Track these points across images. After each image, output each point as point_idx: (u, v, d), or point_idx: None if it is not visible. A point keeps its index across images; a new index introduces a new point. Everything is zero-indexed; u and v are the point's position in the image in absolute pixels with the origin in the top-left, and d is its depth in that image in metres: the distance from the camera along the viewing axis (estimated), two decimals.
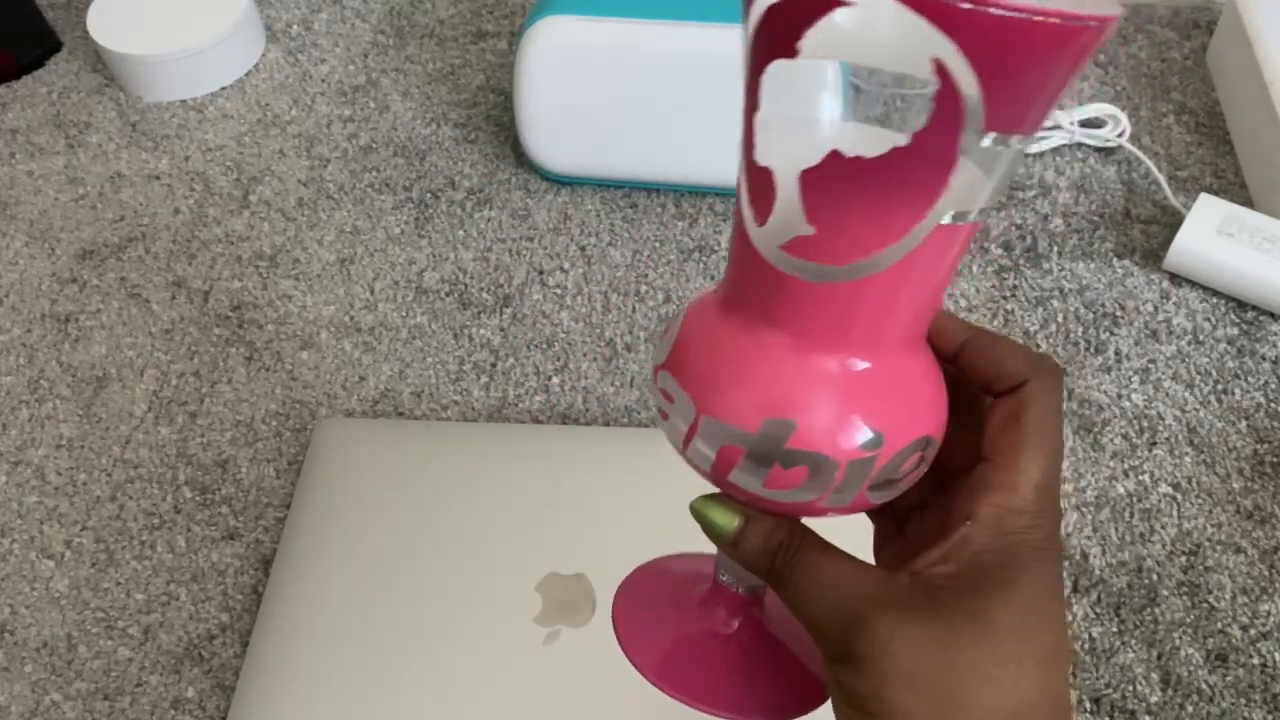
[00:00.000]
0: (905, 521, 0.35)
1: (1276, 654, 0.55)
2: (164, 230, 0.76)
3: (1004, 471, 0.31)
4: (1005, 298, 0.70)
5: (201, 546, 0.61)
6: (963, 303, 0.70)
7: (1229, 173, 0.77)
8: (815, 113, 0.27)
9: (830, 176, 0.27)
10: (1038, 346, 0.68)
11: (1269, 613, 0.57)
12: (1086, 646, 0.56)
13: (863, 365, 0.30)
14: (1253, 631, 0.56)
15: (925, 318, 0.31)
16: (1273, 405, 0.65)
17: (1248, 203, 0.75)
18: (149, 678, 0.57)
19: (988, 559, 0.30)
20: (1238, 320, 0.69)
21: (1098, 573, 0.58)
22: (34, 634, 0.58)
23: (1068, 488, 0.62)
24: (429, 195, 0.78)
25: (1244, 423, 0.64)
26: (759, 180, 0.29)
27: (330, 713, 0.52)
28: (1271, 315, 0.69)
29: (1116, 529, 0.60)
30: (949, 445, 0.32)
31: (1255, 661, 0.55)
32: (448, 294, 0.72)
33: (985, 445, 0.32)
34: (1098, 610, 0.57)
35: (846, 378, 0.30)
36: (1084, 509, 0.61)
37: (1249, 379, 0.66)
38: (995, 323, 0.69)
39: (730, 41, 0.68)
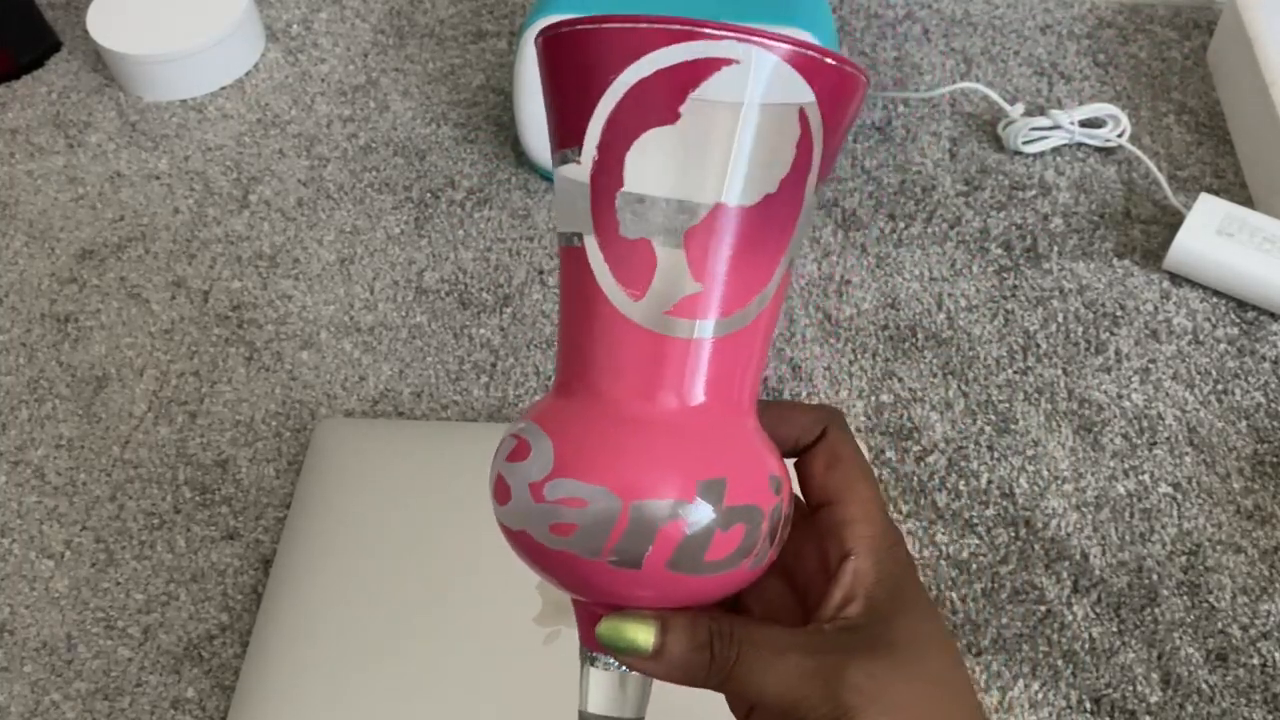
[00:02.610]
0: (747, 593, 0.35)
1: (1276, 654, 0.55)
2: (164, 230, 0.76)
3: (852, 505, 0.32)
4: (1005, 298, 0.70)
5: (201, 546, 0.61)
6: (963, 302, 0.70)
7: (1229, 173, 0.77)
8: (702, 172, 0.28)
9: (712, 232, 0.28)
10: (1038, 347, 0.68)
11: (1269, 612, 0.57)
12: (1087, 646, 0.56)
13: (745, 411, 0.31)
14: (1253, 631, 0.56)
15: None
16: (1273, 405, 0.65)
17: (1248, 203, 0.75)
18: (149, 678, 0.57)
19: (882, 586, 0.31)
20: (1238, 320, 0.69)
21: (1098, 572, 0.58)
22: (34, 634, 0.58)
23: (1068, 487, 0.62)
24: (429, 195, 0.78)
25: (1244, 423, 0.64)
26: (628, 255, 0.29)
27: (330, 712, 0.52)
28: (1271, 315, 0.69)
29: (1116, 529, 0.60)
30: None
31: (1255, 661, 0.55)
32: (448, 294, 0.72)
33: (816, 492, 0.33)
34: (1098, 610, 0.57)
35: (742, 424, 0.31)
36: (1084, 509, 0.61)
37: (1249, 379, 0.66)
38: (995, 322, 0.69)
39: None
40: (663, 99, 0.28)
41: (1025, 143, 0.78)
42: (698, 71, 0.27)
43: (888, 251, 0.73)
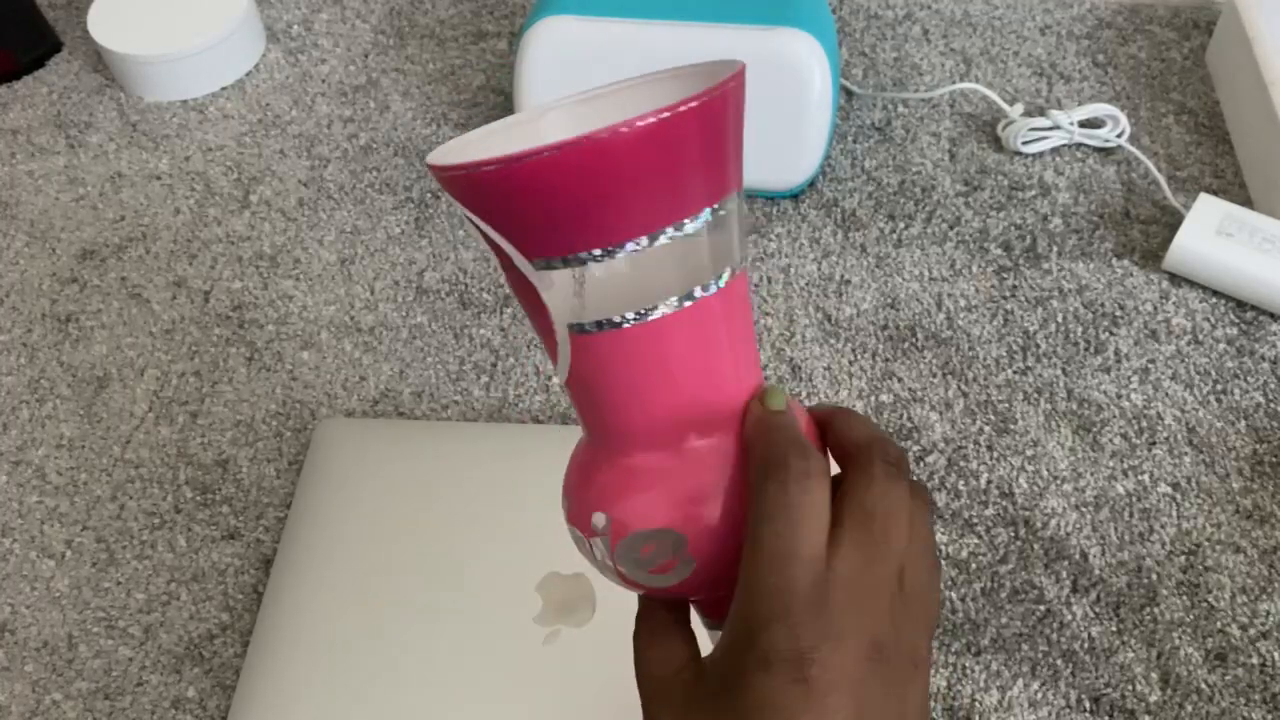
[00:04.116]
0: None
1: (1276, 653, 0.56)
2: (164, 230, 0.77)
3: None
4: (1005, 298, 0.70)
5: (202, 546, 0.61)
6: (962, 303, 0.70)
7: (1228, 173, 0.77)
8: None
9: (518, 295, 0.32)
10: (1037, 347, 0.68)
11: (1268, 612, 0.57)
12: (1086, 646, 0.56)
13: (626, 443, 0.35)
14: (1252, 631, 0.56)
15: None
16: (1272, 405, 0.65)
17: (1247, 203, 0.75)
18: (149, 677, 0.57)
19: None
20: (1237, 320, 0.69)
21: (1097, 572, 0.58)
22: (35, 633, 0.58)
23: (1067, 487, 0.62)
24: (429, 195, 0.78)
25: (1243, 422, 0.64)
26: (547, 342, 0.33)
27: (330, 712, 0.52)
28: (1271, 315, 0.69)
29: (1116, 529, 0.60)
30: None
31: (1254, 661, 0.55)
32: (448, 294, 0.72)
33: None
34: (1097, 610, 0.57)
35: (610, 457, 0.35)
36: (1083, 509, 0.61)
37: (1248, 379, 0.66)
38: (995, 323, 0.69)
39: (730, 41, 0.68)
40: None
41: (1025, 143, 0.78)
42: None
43: (887, 251, 0.73)
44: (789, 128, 0.71)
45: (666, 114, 0.28)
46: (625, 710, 0.49)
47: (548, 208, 0.29)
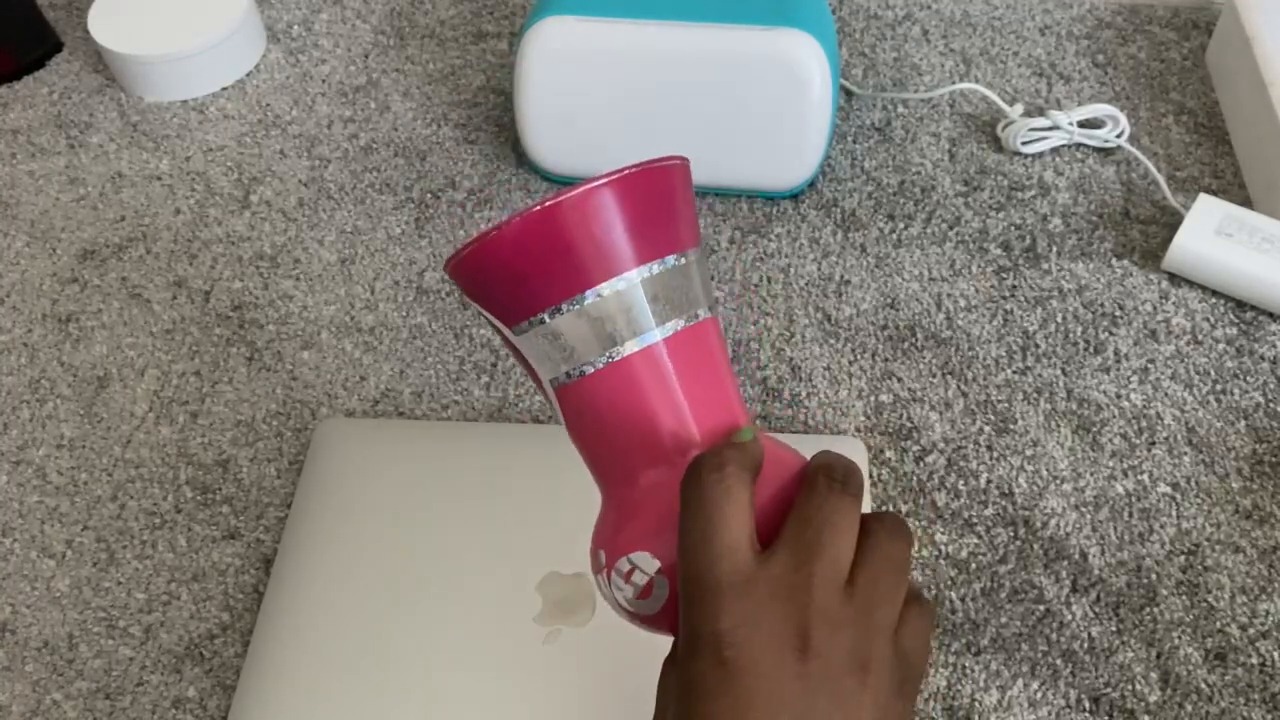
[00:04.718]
0: None
1: (1275, 653, 0.56)
2: (165, 230, 0.77)
3: None
4: (1004, 298, 0.70)
5: (202, 546, 0.61)
6: (962, 303, 0.70)
7: (1228, 173, 0.77)
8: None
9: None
10: (1037, 347, 0.68)
11: (1268, 612, 0.57)
12: (1086, 646, 0.56)
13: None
14: (1251, 631, 0.56)
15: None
16: (1271, 405, 0.65)
17: (1246, 203, 0.75)
18: (150, 677, 0.57)
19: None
20: (1236, 320, 0.69)
21: (1097, 572, 0.58)
22: (35, 633, 0.58)
23: (1067, 487, 0.62)
24: (429, 195, 0.78)
25: (1243, 422, 0.64)
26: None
27: (330, 712, 0.52)
28: (1270, 315, 0.69)
29: (1115, 528, 0.60)
30: None
31: (1254, 661, 0.55)
32: (448, 294, 0.72)
33: None
34: (1097, 610, 0.57)
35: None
36: (1083, 509, 0.61)
37: (1248, 379, 0.66)
38: (994, 322, 0.69)
39: (730, 41, 0.68)
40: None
41: (1024, 143, 0.78)
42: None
43: (887, 252, 0.73)
44: (789, 128, 0.71)
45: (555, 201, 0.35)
46: (625, 710, 0.49)
47: (509, 275, 0.36)
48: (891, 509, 0.61)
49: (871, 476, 0.62)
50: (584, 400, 0.36)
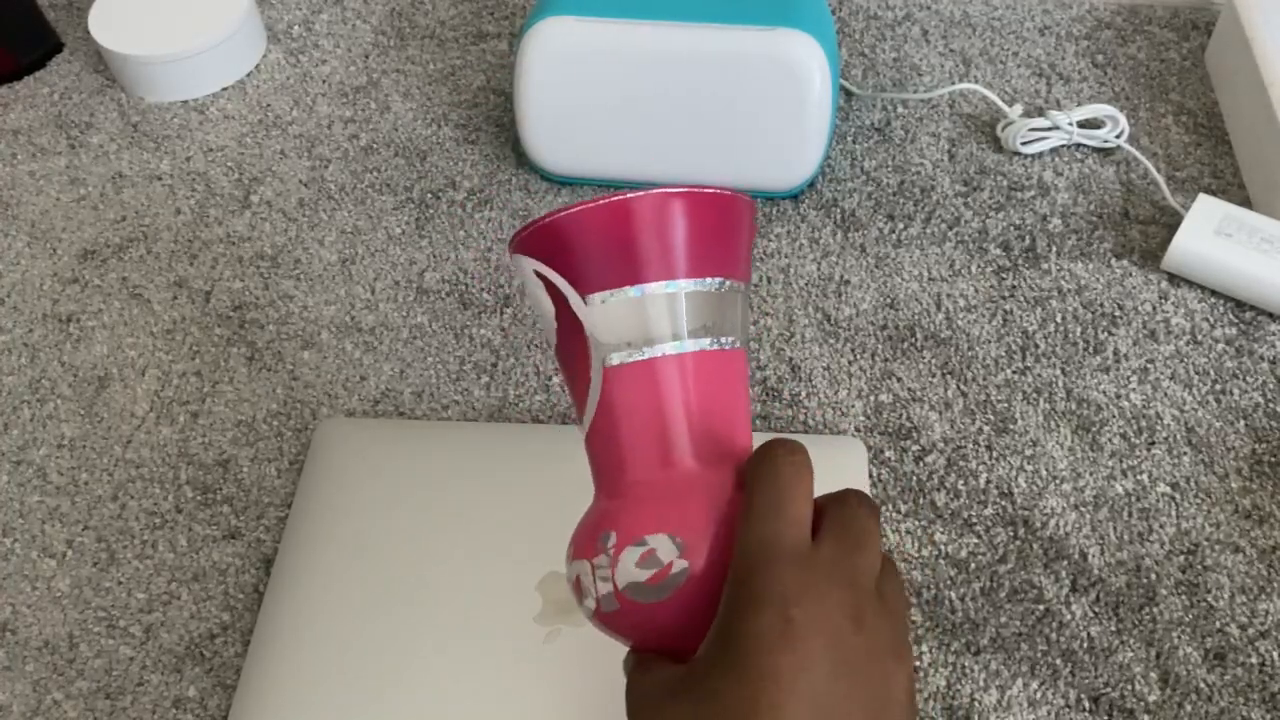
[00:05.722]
0: None
1: (1275, 653, 0.56)
2: (165, 230, 0.77)
3: None
4: (1004, 298, 0.71)
5: (203, 546, 0.61)
6: (961, 303, 0.70)
7: (1227, 173, 0.77)
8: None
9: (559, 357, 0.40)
10: (1036, 347, 0.68)
11: (1267, 612, 0.57)
12: (1085, 645, 0.56)
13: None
14: (1251, 631, 0.56)
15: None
16: (1271, 405, 0.65)
17: (1246, 203, 0.75)
18: (150, 677, 0.57)
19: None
20: (1236, 320, 0.69)
21: (1096, 572, 0.59)
22: (35, 633, 0.59)
23: (1066, 487, 0.62)
24: (430, 196, 0.78)
25: (1242, 422, 0.64)
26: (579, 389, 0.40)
27: (331, 712, 0.52)
28: (1270, 315, 0.69)
29: (1115, 528, 0.60)
30: None
31: (1254, 660, 0.55)
32: (448, 294, 0.72)
33: None
34: (1096, 609, 0.57)
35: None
36: (1082, 508, 0.61)
37: (1247, 379, 0.66)
38: (994, 323, 0.69)
39: (730, 41, 0.68)
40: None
41: (1024, 143, 0.78)
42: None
43: (887, 252, 0.73)
44: (789, 128, 0.71)
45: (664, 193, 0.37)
46: (625, 710, 0.49)
47: (598, 247, 0.37)
48: (891, 509, 0.61)
49: (871, 476, 0.62)
50: (637, 382, 0.37)
